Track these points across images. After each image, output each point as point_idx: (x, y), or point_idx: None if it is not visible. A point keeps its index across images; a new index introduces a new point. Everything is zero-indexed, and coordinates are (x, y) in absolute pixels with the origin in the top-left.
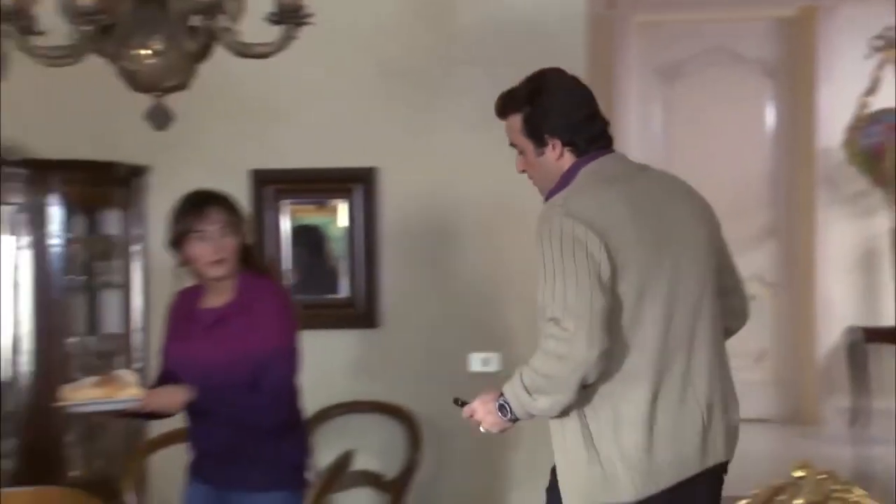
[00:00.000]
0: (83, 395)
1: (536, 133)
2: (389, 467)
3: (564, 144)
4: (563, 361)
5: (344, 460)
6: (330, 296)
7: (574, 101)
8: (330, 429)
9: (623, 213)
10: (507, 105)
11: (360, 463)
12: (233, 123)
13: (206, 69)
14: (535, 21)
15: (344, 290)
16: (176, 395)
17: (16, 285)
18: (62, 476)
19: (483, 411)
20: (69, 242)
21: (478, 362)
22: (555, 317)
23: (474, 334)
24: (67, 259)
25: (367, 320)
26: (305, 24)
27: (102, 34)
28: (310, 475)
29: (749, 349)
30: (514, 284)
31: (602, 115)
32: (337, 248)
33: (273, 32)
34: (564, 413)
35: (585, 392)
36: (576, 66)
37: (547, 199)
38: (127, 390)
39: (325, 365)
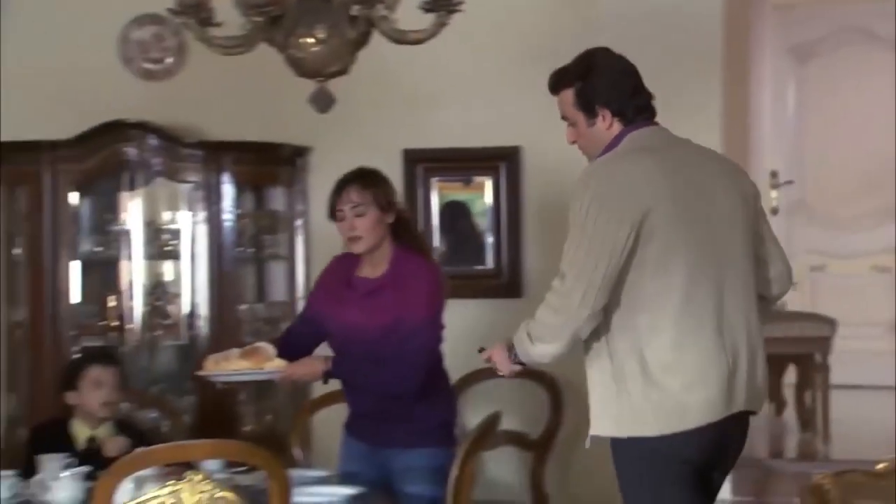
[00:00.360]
0: (231, 365)
1: (588, 105)
2: (533, 429)
3: (614, 115)
4: (557, 314)
5: (493, 420)
6: (477, 267)
7: (621, 74)
8: (476, 393)
9: (656, 178)
10: (559, 81)
11: (505, 424)
12: (387, 106)
13: (362, 55)
14: (674, 5)
15: (490, 262)
16: (315, 366)
17: (193, 257)
18: (236, 431)
19: (496, 355)
20: (239, 217)
21: None
22: (562, 272)
23: None
24: (238, 233)
25: (511, 290)
26: (456, 11)
27: (272, 24)
28: (458, 433)
29: (881, 319)
30: None
31: (646, 89)
32: (483, 223)
33: (425, 20)
34: (595, 353)
35: (612, 340)
36: (713, 48)
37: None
38: (272, 362)
39: (472, 332)
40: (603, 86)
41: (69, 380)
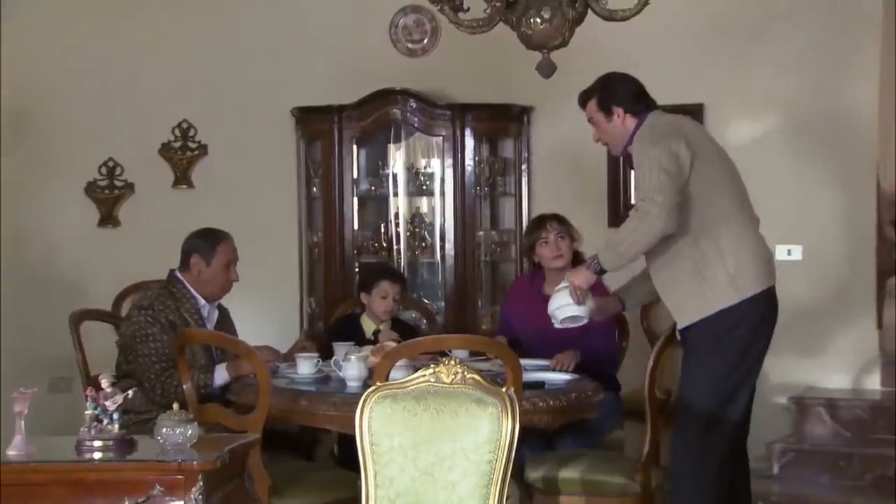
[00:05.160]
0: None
1: (606, 106)
2: None
3: (626, 111)
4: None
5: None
6: None
7: (626, 82)
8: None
9: (689, 126)
10: (586, 96)
11: None
12: (595, 71)
13: (577, 30)
14: None
15: None
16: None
17: (443, 194)
18: (477, 328)
19: (577, 276)
20: (477, 163)
21: (783, 252)
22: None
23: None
24: (476, 175)
25: None
26: None
27: (507, 8)
28: None
29: None
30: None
31: (649, 94)
32: None
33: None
34: (675, 255)
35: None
36: (874, 19)
37: (622, 152)
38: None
39: None
40: (614, 91)
41: (365, 285)
